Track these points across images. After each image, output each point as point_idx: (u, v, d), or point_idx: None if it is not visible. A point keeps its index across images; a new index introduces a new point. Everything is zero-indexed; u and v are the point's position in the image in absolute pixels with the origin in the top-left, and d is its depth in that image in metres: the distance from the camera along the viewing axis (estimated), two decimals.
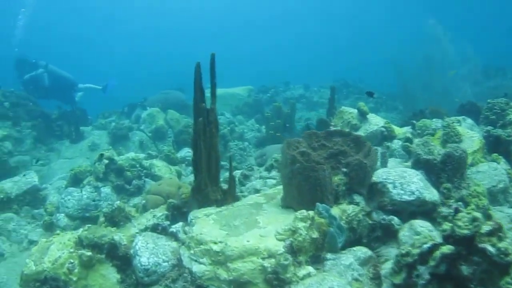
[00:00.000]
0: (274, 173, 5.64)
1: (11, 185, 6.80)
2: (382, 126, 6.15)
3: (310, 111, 15.08)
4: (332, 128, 5.46)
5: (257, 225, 3.55)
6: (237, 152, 9.21)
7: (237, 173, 5.89)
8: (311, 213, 3.44)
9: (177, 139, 9.84)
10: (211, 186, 4.23)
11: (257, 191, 5.10)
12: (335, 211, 3.63)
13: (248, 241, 3.26)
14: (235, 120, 12.45)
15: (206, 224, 3.69)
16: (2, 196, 6.45)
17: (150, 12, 40.57)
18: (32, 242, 6.31)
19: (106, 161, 6.68)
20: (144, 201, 5.37)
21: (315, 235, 3.30)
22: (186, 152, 8.73)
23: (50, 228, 6.51)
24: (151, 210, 4.74)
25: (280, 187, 4.31)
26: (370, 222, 3.81)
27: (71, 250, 3.78)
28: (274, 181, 5.31)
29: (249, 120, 12.82)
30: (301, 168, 3.66)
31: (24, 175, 7.03)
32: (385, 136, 6.04)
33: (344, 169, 3.91)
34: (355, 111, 6.59)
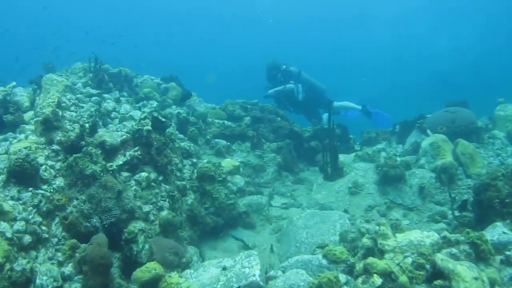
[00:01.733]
0: None
1: (214, 276, 3.71)
2: None
3: None
4: None
5: None
6: None
7: None
8: None
9: (478, 197, 5.08)
10: None
11: None
12: None
13: None
14: None
15: None
16: None
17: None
18: None
19: (377, 282, 2.88)
20: None
21: None
22: (501, 234, 4.01)
23: None
24: None
25: None
26: None
27: None
28: None
29: None
30: None
31: (238, 259, 3.87)
32: None
33: None
34: None
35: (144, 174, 4.49)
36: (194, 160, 6.04)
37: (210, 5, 38.46)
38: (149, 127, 4.66)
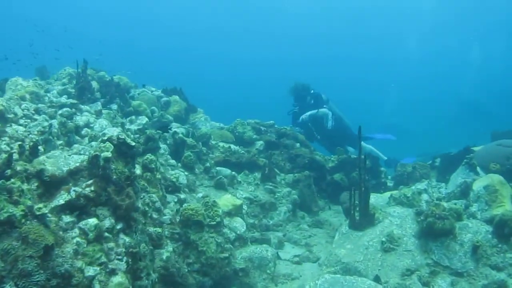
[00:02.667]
0: None
1: None
2: None
3: None
4: None
5: None
6: None
7: None
8: None
9: None
10: None
11: None
12: None
13: None
14: None
15: None
16: None
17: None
18: None
19: None
20: None
21: None
22: None
23: None
24: None
25: None
26: None
27: None
28: None
29: None
30: None
31: None
32: None
33: None
34: None
35: (92, 221, 3.14)
36: (182, 196, 4.67)
37: (230, 19, 37.78)
38: (109, 154, 3.33)
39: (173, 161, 5.39)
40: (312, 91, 9.18)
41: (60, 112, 5.02)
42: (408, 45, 33.38)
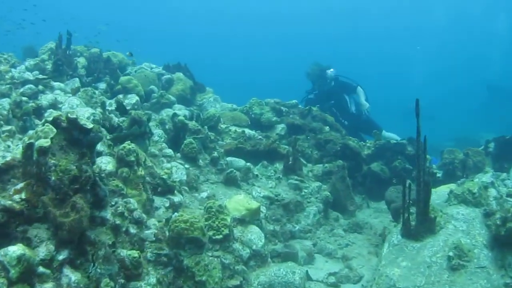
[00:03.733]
0: None
1: None
2: None
3: None
4: None
5: None
6: None
7: None
8: None
9: None
10: None
11: None
12: None
13: None
14: None
15: None
16: None
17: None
18: None
19: None
20: None
21: None
22: None
23: None
24: None
25: None
26: None
27: None
28: None
29: None
30: None
31: None
32: None
33: None
34: None
35: (13, 251, 1.95)
36: (177, 198, 3.45)
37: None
38: (45, 142, 2.13)
39: (169, 151, 4.19)
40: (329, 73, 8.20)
41: (21, 90, 3.87)
42: (436, 12, 31.48)
